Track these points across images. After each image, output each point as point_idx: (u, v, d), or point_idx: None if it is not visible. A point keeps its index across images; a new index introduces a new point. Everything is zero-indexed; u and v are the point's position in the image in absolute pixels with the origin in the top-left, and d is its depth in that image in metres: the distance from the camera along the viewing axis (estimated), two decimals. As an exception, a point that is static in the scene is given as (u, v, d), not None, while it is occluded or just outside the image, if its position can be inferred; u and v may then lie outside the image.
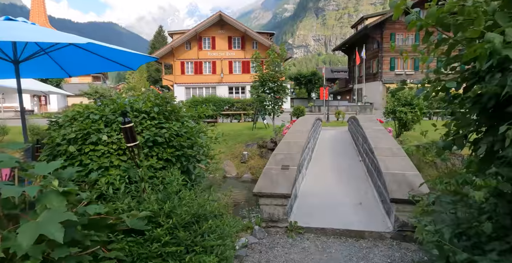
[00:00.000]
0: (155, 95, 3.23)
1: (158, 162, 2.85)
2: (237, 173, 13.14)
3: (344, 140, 9.36)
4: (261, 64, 12.36)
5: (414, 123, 12.62)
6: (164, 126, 2.97)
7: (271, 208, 3.47)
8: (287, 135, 5.69)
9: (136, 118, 2.91)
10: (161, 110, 3.08)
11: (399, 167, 3.82)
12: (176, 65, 35.48)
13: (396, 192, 3.23)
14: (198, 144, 3.40)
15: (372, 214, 3.78)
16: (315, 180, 5.11)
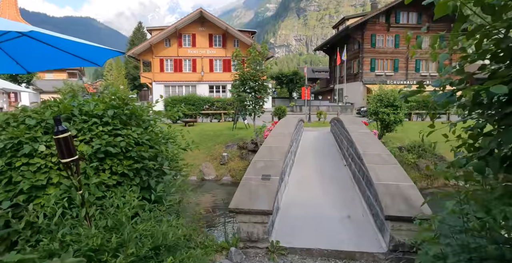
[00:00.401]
0: (111, 94, 2.68)
1: (112, 177, 2.33)
2: (216, 176, 12.62)
3: (327, 142, 9.03)
4: (242, 62, 11.88)
5: (397, 125, 12.48)
6: (121, 133, 2.45)
7: (250, 226, 3.02)
8: (268, 138, 5.25)
9: (85, 123, 2.38)
10: (117, 113, 2.56)
11: (391, 177, 3.46)
12: (155, 62, 34.44)
13: (391, 208, 2.85)
14: (163, 154, 2.88)
15: (363, 230, 3.40)
16: (298, 188, 4.70)
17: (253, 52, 11.43)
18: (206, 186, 11.70)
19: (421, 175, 11.55)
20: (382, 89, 12.98)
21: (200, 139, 15.37)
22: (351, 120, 7.55)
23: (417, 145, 12.06)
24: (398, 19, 35.72)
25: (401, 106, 12.21)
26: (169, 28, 32.96)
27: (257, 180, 3.43)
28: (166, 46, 34.43)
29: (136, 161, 2.45)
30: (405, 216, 2.76)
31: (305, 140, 9.19)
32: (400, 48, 36.13)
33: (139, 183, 2.45)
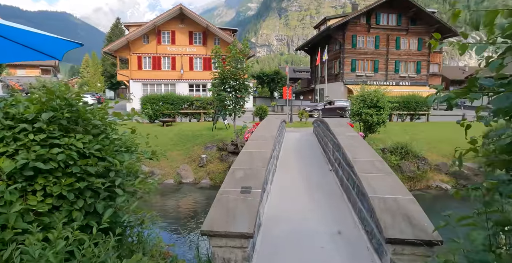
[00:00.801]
0: (48, 93, 2.08)
1: (45, 201, 1.79)
2: (195, 179, 12.04)
3: (310, 144, 8.63)
4: (222, 60, 11.35)
5: (380, 126, 12.28)
6: (60, 142, 1.91)
7: (227, 251, 2.53)
8: (249, 142, 4.77)
9: (10, 130, 1.82)
10: (56, 117, 2.00)
11: (387, 189, 3.06)
12: (133, 59, 33.30)
13: (391, 229, 2.44)
14: (118, 168, 2.34)
15: (357, 250, 2.98)
16: (282, 198, 4.24)
17: (234, 50, 10.92)
18: (184, 190, 11.10)
19: (404, 177, 11.38)
20: (364, 90, 12.75)
21: (178, 139, 14.73)
22: (337, 121, 7.19)
23: (399, 146, 11.88)
24: (379, 21, 36.04)
25: (384, 107, 12.02)
26: (147, 24, 31.93)
27: (236, 194, 2.94)
28: (144, 43, 33.37)
29: (80, 178, 1.92)
30: (409, 239, 2.35)
31: (287, 142, 8.77)
32: (380, 49, 36.48)
33: (83, 207, 1.91)
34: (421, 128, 17.72)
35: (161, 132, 16.29)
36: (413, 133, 15.83)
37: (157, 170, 12.39)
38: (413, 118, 21.97)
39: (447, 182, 11.53)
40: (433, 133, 15.97)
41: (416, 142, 12.57)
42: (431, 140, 14.47)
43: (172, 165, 12.67)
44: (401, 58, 36.91)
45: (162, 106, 19.11)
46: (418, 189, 11.21)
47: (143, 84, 33.75)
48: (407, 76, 37.19)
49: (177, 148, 13.90)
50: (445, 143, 14.11)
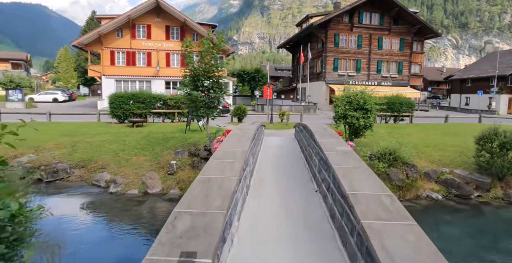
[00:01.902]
0: None
1: None
2: (162, 188, 10.72)
3: (292, 153, 7.52)
4: (193, 55, 10.07)
5: (367, 130, 11.31)
6: None
7: None
8: (210, 163, 3.55)
9: None
10: None
11: (410, 251, 1.97)
12: (105, 54, 31.34)
13: None
14: None
15: None
16: (254, 247, 3.07)
17: (207, 44, 9.66)
18: (149, 203, 9.76)
19: (393, 186, 10.47)
20: (349, 90, 11.76)
21: (146, 143, 13.35)
22: (322, 129, 6.07)
23: (387, 152, 10.96)
24: (361, 19, 35.46)
25: (372, 110, 11.07)
26: (120, 17, 30.04)
27: (171, 264, 1.78)
28: (118, 37, 31.46)
29: None
30: None
31: (265, 151, 7.62)
32: (362, 49, 35.93)
33: None
34: (407, 131, 16.99)
35: (130, 134, 14.85)
36: (399, 137, 15.05)
37: (120, 178, 11.00)
38: (397, 120, 21.30)
39: (437, 191, 10.70)
40: (419, 137, 15.24)
41: (405, 148, 11.71)
42: (418, 144, 13.70)
43: (137, 172, 11.30)
44: (383, 58, 36.52)
45: (132, 105, 17.58)
46: (408, 199, 10.33)
47: (116, 81, 31.86)
48: (389, 76, 36.85)
49: (144, 152, 12.52)
50: (433, 147, 13.37)
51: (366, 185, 2.99)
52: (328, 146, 4.22)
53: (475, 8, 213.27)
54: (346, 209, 2.80)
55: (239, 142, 4.42)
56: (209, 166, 3.43)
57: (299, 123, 9.66)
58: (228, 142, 4.51)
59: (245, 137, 4.83)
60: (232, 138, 4.79)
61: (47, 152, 13.02)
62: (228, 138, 4.88)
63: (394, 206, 2.52)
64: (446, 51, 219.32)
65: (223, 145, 4.29)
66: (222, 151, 3.92)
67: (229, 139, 4.71)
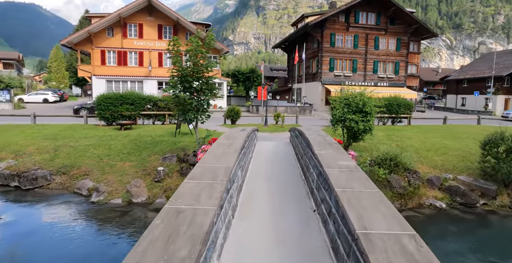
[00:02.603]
0: None
1: None
2: (148, 197, 10.00)
3: (287, 162, 6.85)
4: (180, 55, 9.38)
5: (366, 134, 10.67)
6: None
7: None
8: (183, 186, 2.81)
9: None
10: None
11: None
12: (95, 53, 30.51)
13: None
14: None
15: None
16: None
17: (195, 42, 8.96)
18: (132, 214, 9.03)
19: (394, 193, 9.86)
20: (346, 91, 11.12)
21: (133, 147, 12.62)
22: (321, 137, 5.37)
23: (388, 158, 10.33)
24: (358, 19, 34.91)
25: (371, 113, 10.43)
26: (111, 15, 29.21)
27: None
28: (109, 36, 30.65)
29: None
30: None
31: (258, 158, 6.94)
32: (359, 49, 35.39)
33: None
34: (406, 133, 16.40)
35: (116, 137, 14.11)
36: (399, 140, 14.46)
37: (103, 186, 10.26)
38: (395, 122, 20.74)
39: (441, 199, 10.10)
40: (419, 140, 14.65)
41: (405, 152, 11.11)
42: (419, 148, 13.11)
43: (122, 179, 10.57)
44: (380, 58, 36.02)
45: (120, 106, 16.81)
46: (410, 208, 9.71)
47: (107, 81, 31.04)
48: (385, 76, 36.36)
49: (130, 158, 11.78)
50: (435, 152, 12.78)
51: (379, 218, 2.34)
52: (329, 159, 3.57)
53: (469, 9, 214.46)
54: (355, 252, 2.15)
55: (223, 155, 3.74)
56: (182, 189, 2.73)
57: (295, 128, 9.00)
58: (211, 155, 3.82)
59: (232, 148, 4.14)
60: (216, 150, 4.10)
61: (27, 157, 12.25)
62: (212, 149, 4.19)
63: (422, 254, 1.86)
64: (440, 52, 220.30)
65: (204, 160, 3.60)
66: (201, 168, 3.24)
67: (213, 151, 4.02)
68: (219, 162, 3.45)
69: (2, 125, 16.57)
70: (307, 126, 18.73)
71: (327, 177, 3.14)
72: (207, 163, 3.48)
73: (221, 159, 3.59)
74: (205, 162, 3.50)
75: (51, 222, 8.36)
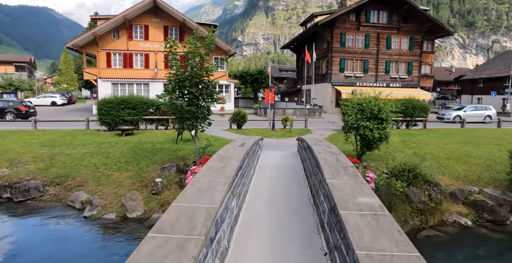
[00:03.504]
0: None
1: None
2: (144, 211, 9.25)
3: (293, 178, 6.00)
4: (178, 57, 8.63)
5: (381, 142, 9.75)
6: None
7: None
8: (144, 245, 2.08)
9: None
10: None
11: None
12: (101, 56, 30.10)
13: None
14: None
15: None
16: None
17: (193, 44, 8.19)
18: (125, 231, 8.29)
19: (413, 209, 8.91)
20: (359, 94, 10.22)
21: (132, 155, 11.93)
22: (332, 156, 4.44)
23: (406, 168, 9.38)
24: (369, 18, 33.79)
25: (388, 119, 9.52)
26: (116, 17, 28.74)
27: None
28: (114, 38, 30.20)
29: None
30: None
31: (260, 176, 6.10)
32: (370, 48, 34.25)
33: None
34: (422, 138, 15.37)
35: (116, 144, 13.45)
36: (416, 147, 13.46)
37: (97, 199, 9.57)
38: (409, 125, 19.67)
39: (466, 216, 9.11)
40: (438, 146, 13.63)
41: (424, 161, 10.15)
42: (438, 156, 12.10)
43: (117, 192, 9.86)
44: (392, 58, 34.83)
45: (122, 111, 16.18)
46: (431, 226, 8.75)
47: (113, 84, 30.59)
48: (398, 77, 35.14)
49: (128, 167, 11.09)
50: (456, 160, 11.76)
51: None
52: (345, 194, 2.75)
53: (482, 7, 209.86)
54: None
55: (210, 188, 2.91)
56: (137, 257, 1.91)
57: (302, 139, 8.11)
58: (194, 188, 2.99)
59: (224, 175, 3.31)
60: (203, 179, 3.28)
61: (22, 166, 11.67)
62: (198, 177, 3.36)
63: None
64: (452, 51, 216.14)
65: (184, 195, 2.81)
66: (176, 211, 2.43)
67: (198, 181, 3.19)
68: (202, 200, 2.64)
69: (1, 131, 16.10)
70: (317, 131, 17.84)
71: (344, 226, 2.32)
72: (187, 201, 2.67)
73: (205, 194, 2.78)
74: (184, 200, 2.70)
75: (34, 242, 7.68)
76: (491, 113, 26.55)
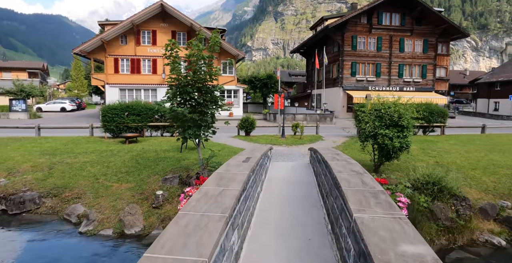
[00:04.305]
0: None
1: None
2: (144, 227, 8.56)
3: (306, 195, 5.21)
4: (180, 60, 8.00)
5: (402, 152, 8.89)
6: None
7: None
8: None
9: None
10: None
11: None
12: (109, 62, 29.89)
13: None
14: None
15: None
16: None
17: (195, 46, 7.54)
18: (121, 251, 7.58)
19: (439, 227, 8.01)
20: (376, 99, 9.40)
21: (134, 165, 11.30)
22: (356, 176, 3.57)
23: (431, 181, 8.50)
24: (381, 20, 32.90)
25: (409, 127, 8.68)
26: (123, 22, 28.51)
27: None
28: (122, 44, 29.98)
29: None
30: None
31: (268, 194, 5.31)
32: (382, 52, 33.29)
33: None
34: (442, 146, 14.40)
35: (118, 153, 12.87)
36: (437, 155, 12.53)
37: (94, 213, 8.93)
38: (427, 131, 18.68)
39: (499, 234, 8.16)
40: (460, 155, 12.67)
41: (449, 171, 9.24)
42: (462, 166, 11.15)
43: (116, 205, 9.21)
44: (405, 61, 33.77)
45: (126, 118, 15.64)
46: (460, 246, 7.82)
47: (121, 90, 30.32)
48: (411, 81, 34.04)
49: (128, 178, 10.44)
50: (482, 170, 10.78)
51: None
52: (381, 239, 1.97)
53: (495, 9, 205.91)
54: None
55: (200, 228, 2.09)
56: None
57: (315, 150, 7.29)
58: (179, 226, 2.15)
59: (220, 206, 2.51)
60: (194, 212, 2.47)
61: (20, 176, 11.14)
62: (188, 207, 2.57)
63: None
64: (465, 54, 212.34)
65: (162, 239, 2.09)
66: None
67: (187, 215, 2.34)
68: (187, 249, 1.89)
69: (3, 138, 15.70)
70: (329, 138, 16.98)
71: None
72: (164, 250, 1.93)
73: (192, 237, 2.02)
74: (161, 248, 1.97)
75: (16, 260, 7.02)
76: None
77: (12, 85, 51.47)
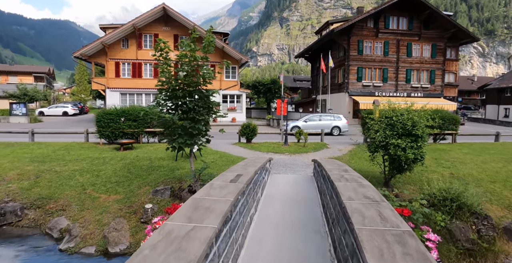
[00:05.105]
0: None
1: None
2: (130, 244, 7.76)
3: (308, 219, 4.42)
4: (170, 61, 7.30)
5: (415, 163, 8.05)
6: None
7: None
8: None
9: None
10: None
11: None
12: (110, 66, 29.39)
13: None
14: None
15: None
16: None
17: (187, 46, 6.83)
18: (101, 273, 6.79)
19: (459, 250, 7.11)
20: (387, 105, 8.58)
21: (125, 174, 10.55)
22: (371, 205, 2.82)
23: (449, 197, 7.62)
24: (388, 24, 32.11)
25: (423, 136, 7.85)
26: (125, 26, 28.03)
27: None
28: (123, 48, 29.49)
29: None
30: None
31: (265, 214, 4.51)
32: (389, 56, 32.46)
33: None
34: (455, 155, 13.49)
35: (110, 160, 12.14)
36: (451, 166, 11.64)
37: (77, 228, 8.16)
38: (437, 139, 17.74)
39: (527, 258, 7.23)
40: (476, 165, 11.76)
41: (467, 185, 8.35)
42: (479, 178, 10.25)
43: (101, 219, 8.44)
44: (413, 66, 32.89)
45: (122, 123, 14.95)
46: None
47: (122, 94, 29.77)
48: (419, 86, 33.10)
49: (117, 188, 9.69)
50: (502, 183, 9.87)
51: None
52: None
53: (502, 14, 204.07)
54: None
55: None
56: None
57: (319, 164, 6.47)
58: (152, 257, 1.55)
59: (183, 259, 1.76)
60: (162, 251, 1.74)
61: (4, 185, 10.43)
62: (136, 260, 1.88)
63: None
64: (471, 59, 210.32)
65: None
66: None
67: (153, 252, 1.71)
68: None
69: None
70: (334, 145, 16.12)
71: None
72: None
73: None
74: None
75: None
76: (341, 124, 22.55)
77: (6, 88, 51.34)
